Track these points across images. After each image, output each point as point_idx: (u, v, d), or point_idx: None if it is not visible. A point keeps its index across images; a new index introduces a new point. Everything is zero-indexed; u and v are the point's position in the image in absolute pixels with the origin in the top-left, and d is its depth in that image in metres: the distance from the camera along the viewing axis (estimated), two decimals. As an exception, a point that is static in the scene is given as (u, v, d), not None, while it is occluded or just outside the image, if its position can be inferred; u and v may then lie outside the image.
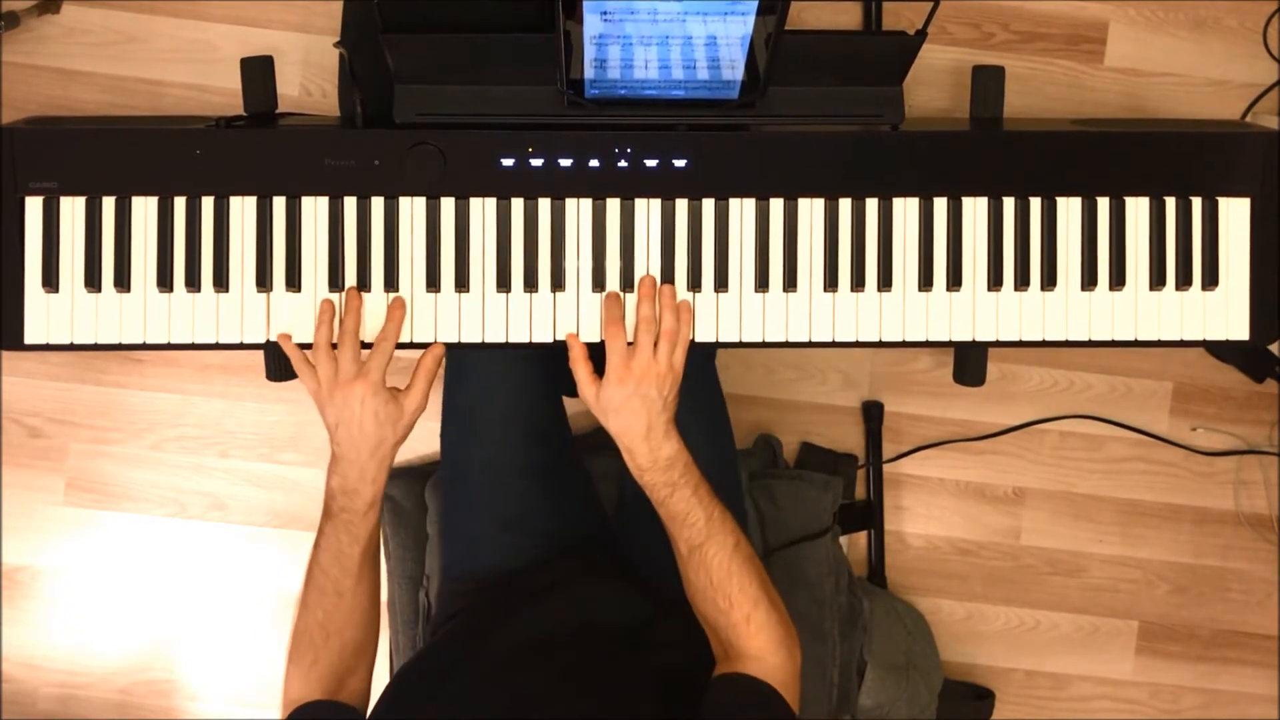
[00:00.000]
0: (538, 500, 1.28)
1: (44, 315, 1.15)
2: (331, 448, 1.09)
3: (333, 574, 1.07)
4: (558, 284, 1.15)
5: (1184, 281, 1.19)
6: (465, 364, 1.28)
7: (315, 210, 1.15)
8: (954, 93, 1.63)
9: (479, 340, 1.15)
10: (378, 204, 1.15)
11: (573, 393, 1.27)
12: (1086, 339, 1.20)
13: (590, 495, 1.38)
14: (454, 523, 1.30)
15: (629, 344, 1.11)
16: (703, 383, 1.34)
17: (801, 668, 1.05)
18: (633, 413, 1.08)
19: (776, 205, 1.16)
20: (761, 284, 1.16)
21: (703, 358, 1.35)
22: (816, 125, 1.17)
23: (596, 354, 1.14)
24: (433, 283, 1.15)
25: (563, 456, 1.35)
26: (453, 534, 1.30)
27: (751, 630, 1.03)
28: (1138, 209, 1.19)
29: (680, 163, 1.14)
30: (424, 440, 1.66)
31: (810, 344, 1.18)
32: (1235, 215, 1.20)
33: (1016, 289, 1.19)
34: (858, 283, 1.17)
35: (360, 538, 1.08)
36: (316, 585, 1.07)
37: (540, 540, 1.26)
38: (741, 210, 1.16)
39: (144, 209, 1.15)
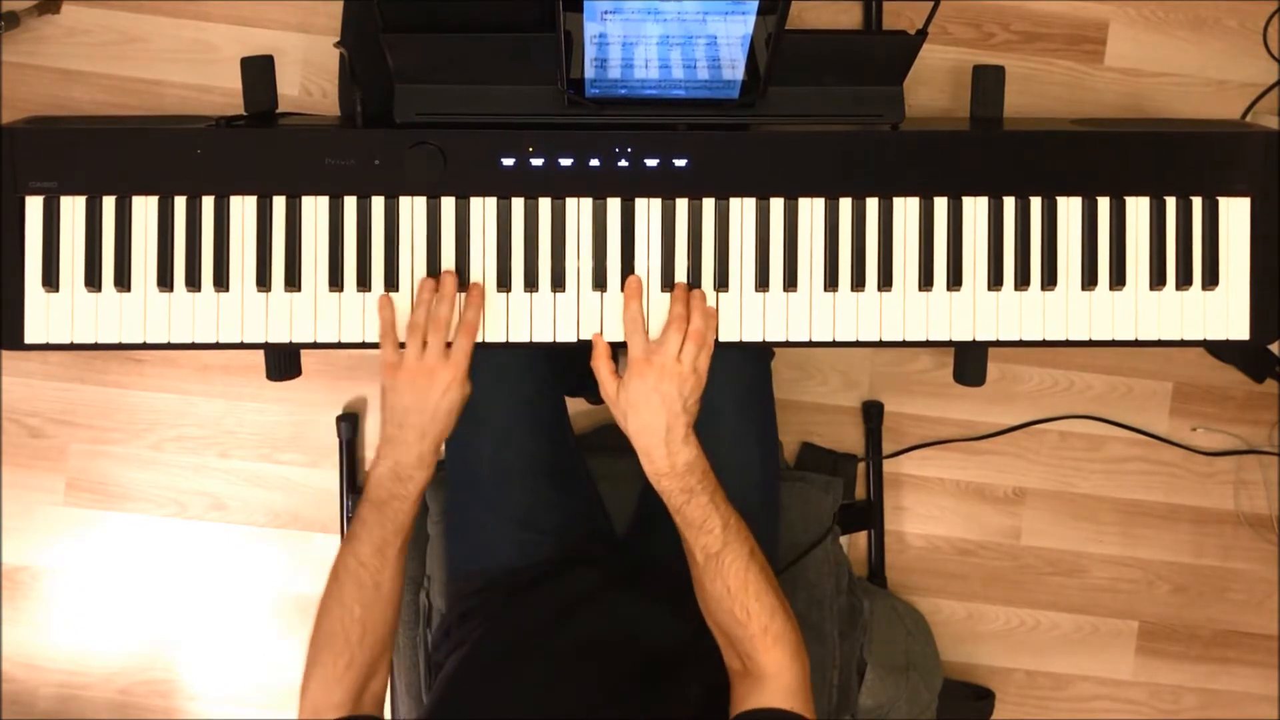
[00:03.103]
0: (547, 497, 1.28)
1: (44, 315, 1.15)
2: (387, 430, 1.08)
3: (372, 565, 1.06)
4: (558, 284, 1.15)
5: (1184, 281, 1.19)
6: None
7: (315, 210, 1.15)
8: (954, 93, 1.63)
9: (479, 340, 1.15)
10: (378, 204, 1.15)
11: (574, 392, 1.27)
12: (1086, 339, 1.20)
13: (595, 493, 1.38)
14: (461, 521, 1.30)
15: (653, 341, 1.11)
16: (759, 388, 1.33)
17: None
18: (652, 410, 1.07)
19: (777, 205, 1.16)
20: (762, 284, 1.16)
21: (759, 364, 1.33)
22: (817, 125, 1.17)
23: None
24: (433, 282, 1.15)
25: (569, 454, 1.35)
26: (460, 532, 1.30)
27: (769, 641, 1.02)
28: (1138, 209, 1.19)
29: (680, 162, 1.14)
30: (424, 440, 1.66)
31: (810, 344, 1.18)
32: (1235, 215, 1.20)
33: (1017, 289, 1.19)
34: (858, 282, 1.17)
35: (404, 527, 1.07)
36: (355, 579, 1.05)
37: (550, 537, 1.26)
38: (742, 210, 1.16)
39: (144, 209, 1.15)
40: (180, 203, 1.14)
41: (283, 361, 1.24)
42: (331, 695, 1.02)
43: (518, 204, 1.15)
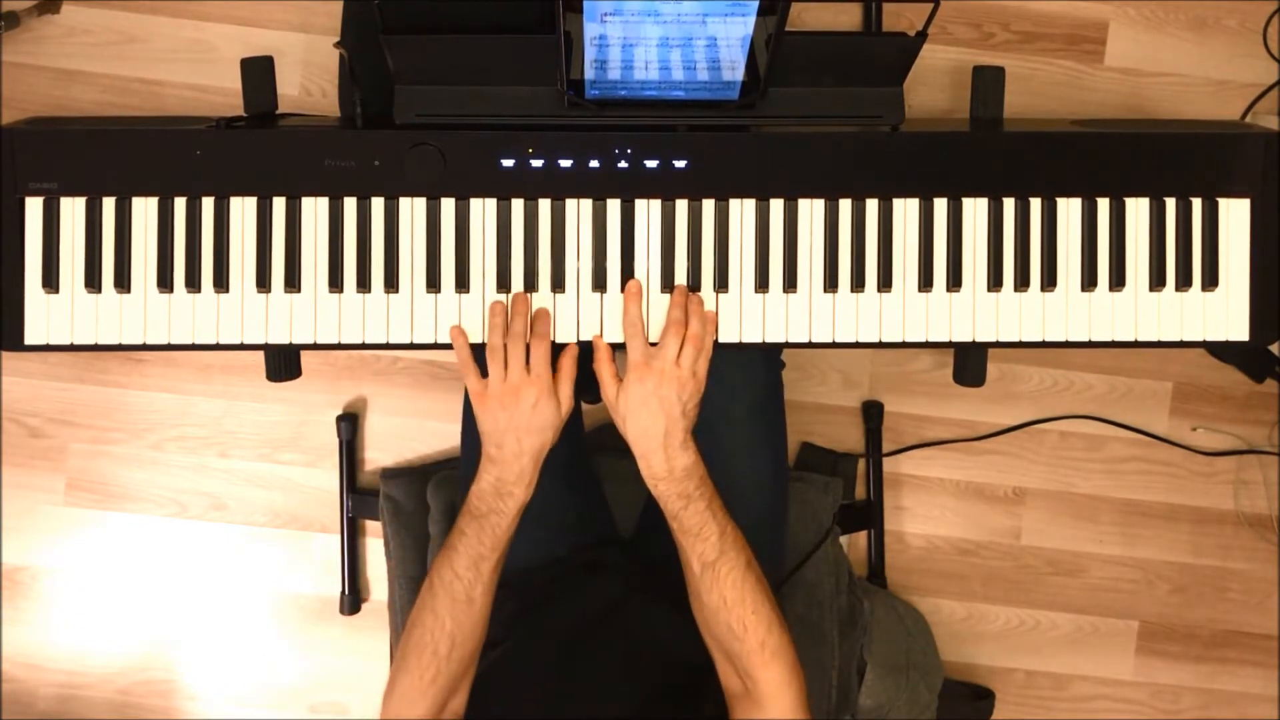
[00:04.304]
0: (560, 495, 1.28)
1: (44, 315, 1.15)
2: (487, 450, 1.09)
3: (467, 579, 1.06)
4: (558, 285, 1.15)
5: (1184, 282, 1.19)
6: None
7: (315, 210, 1.15)
8: (954, 93, 1.63)
9: (479, 341, 1.15)
10: (378, 204, 1.15)
11: (584, 396, 1.27)
12: (1086, 339, 1.20)
13: (602, 493, 1.38)
14: None
15: (652, 344, 1.11)
16: (772, 396, 1.32)
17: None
18: (650, 415, 1.07)
19: (776, 206, 1.16)
20: (761, 284, 1.16)
21: (772, 373, 1.32)
22: (817, 126, 1.17)
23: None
24: (433, 283, 1.15)
25: (581, 452, 1.35)
26: None
27: (766, 657, 1.02)
28: (1138, 209, 1.19)
29: (680, 163, 1.14)
30: (425, 440, 1.66)
31: (810, 344, 1.18)
32: (1235, 216, 1.20)
33: (1016, 289, 1.19)
34: (858, 283, 1.17)
35: (501, 542, 1.08)
36: (449, 591, 1.05)
37: (562, 535, 1.27)
38: (741, 211, 1.16)
39: (144, 209, 1.15)
40: (180, 204, 1.14)
41: (283, 362, 1.24)
42: (414, 709, 1.03)
43: (517, 205, 1.15)
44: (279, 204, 1.15)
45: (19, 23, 1.51)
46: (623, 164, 1.14)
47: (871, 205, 1.17)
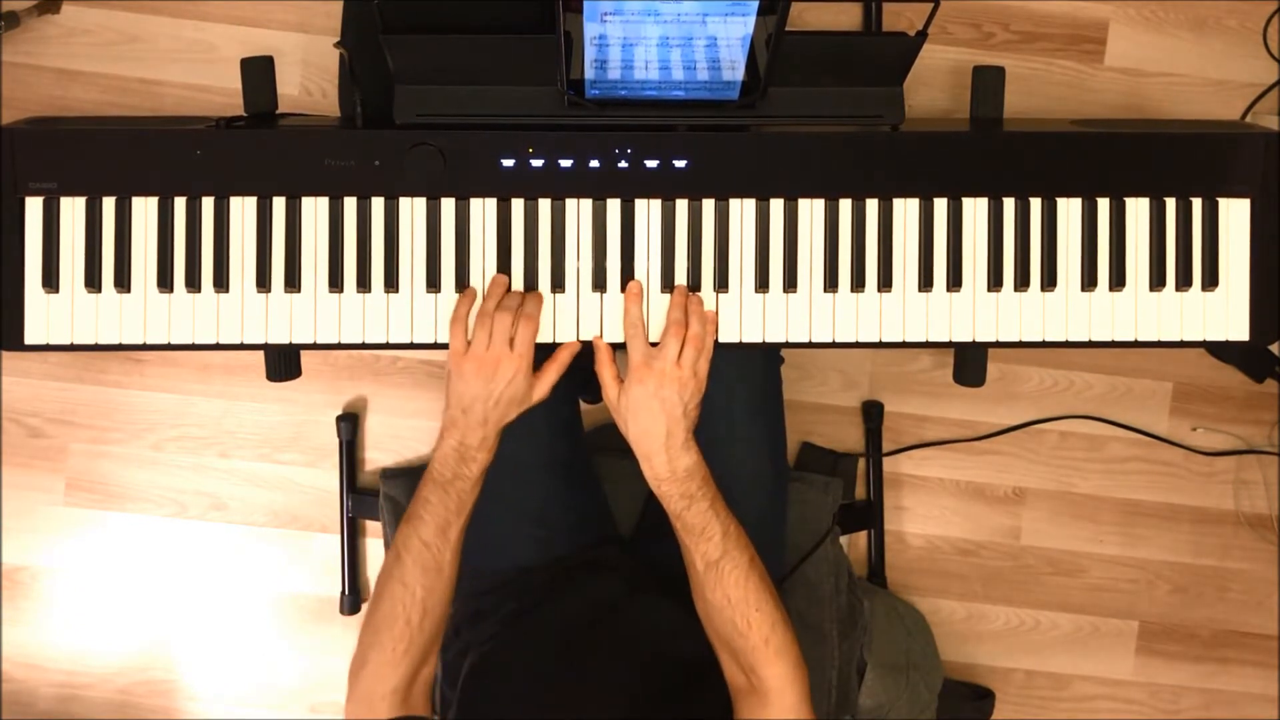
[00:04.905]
0: (561, 494, 1.28)
1: (44, 315, 1.15)
2: (451, 413, 1.09)
3: (435, 546, 1.06)
4: (558, 285, 1.15)
5: (1184, 282, 1.19)
6: None
7: (315, 210, 1.15)
8: (954, 93, 1.63)
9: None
10: (378, 204, 1.15)
11: (585, 396, 1.27)
12: (1086, 339, 1.20)
13: (602, 492, 1.38)
14: (474, 516, 1.30)
15: (652, 345, 1.11)
16: (771, 394, 1.33)
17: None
18: (651, 416, 1.07)
19: (777, 206, 1.16)
20: (762, 284, 1.16)
21: (771, 370, 1.33)
22: (817, 126, 1.17)
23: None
24: (433, 283, 1.15)
25: (581, 452, 1.35)
26: (471, 528, 1.30)
27: (771, 654, 1.03)
28: (1138, 209, 1.19)
29: (680, 163, 1.14)
30: (425, 440, 1.66)
31: (810, 344, 1.18)
32: (1235, 216, 1.20)
33: (1016, 289, 1.19)
34: (858, 283, 1.17)
35: (466, 507, 1.08)
36: (418, 561, 1.05)
37: (563, 535, 1.26)
38: (742, 211, 1.16)
39: (144, 209, 1.15)
40: (180, 203, 1.14)
41: (283, 362, 1.24)
42: (386, 682, 1.02)
43: (517, 205, 1.15)
44: (279, 204, 1.15)
45: (19, 23, 1.51)
46: (623, 164, 1.14)
47: (871, 205, 1.17)
